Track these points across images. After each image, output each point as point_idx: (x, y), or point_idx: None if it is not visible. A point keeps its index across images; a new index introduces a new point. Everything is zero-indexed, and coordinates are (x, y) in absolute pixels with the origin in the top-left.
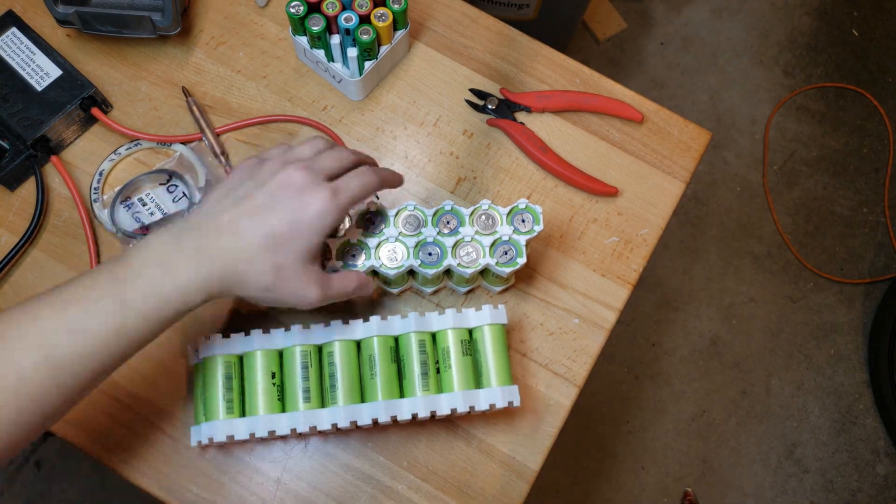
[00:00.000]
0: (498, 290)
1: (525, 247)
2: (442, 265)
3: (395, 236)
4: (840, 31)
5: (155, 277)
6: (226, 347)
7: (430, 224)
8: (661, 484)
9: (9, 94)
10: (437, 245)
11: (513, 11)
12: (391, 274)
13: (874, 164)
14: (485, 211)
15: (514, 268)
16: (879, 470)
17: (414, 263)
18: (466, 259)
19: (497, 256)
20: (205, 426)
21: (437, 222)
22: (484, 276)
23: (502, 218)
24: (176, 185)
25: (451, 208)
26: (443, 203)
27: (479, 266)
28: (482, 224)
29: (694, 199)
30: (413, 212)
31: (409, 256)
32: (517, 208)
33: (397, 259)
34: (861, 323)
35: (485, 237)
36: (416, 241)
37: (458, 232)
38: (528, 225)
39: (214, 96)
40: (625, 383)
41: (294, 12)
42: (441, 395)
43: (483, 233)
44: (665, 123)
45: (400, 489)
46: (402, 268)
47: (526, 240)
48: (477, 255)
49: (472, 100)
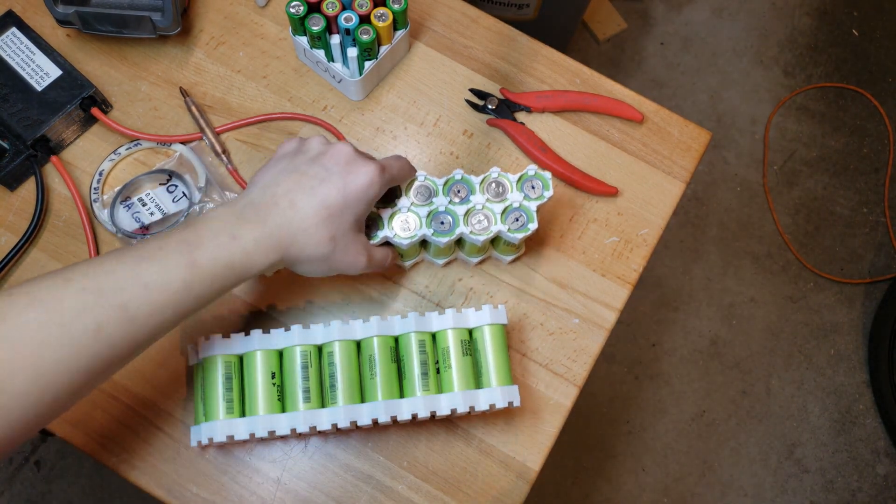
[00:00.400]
0: (508, 260)
1: (535, 212)
2: (454, 233)
3: (407, 206)
4: (840, 31)
5: (222, 244)
6: (226, 347)
7: (441, 193)
8: (661, 484)
9: (9, 94)
10: (449, 214)
11: (513, 11)
12: (404, 244)
13: (874, 164)
14: (495, 179)
15: (525, 233)
16: (879, 470)
17: (427, 233)
18: (478, 227)
19: (508, 223)
20: (205, 426)
21: (448, 191)
22: (494, 246)
23: (512, 185)
24: (176, 185)
25: (462, 177)
26: (453, 172)
27: (491, 233)
28: (493, 192)
29: (694, 199)
30: (424, 182)
31: (421, 226)
32: (526, 175)
33: (410, 229)
34: (861, 323)
35: (496, 205)
36: (428, 211)
37: (469, 200)
38: (538, 191)
39: (214, 96)
40: (625, 383)
41: (294, 12)
42: (441, 395)
43: (494, 200)
44: (665, 123)
45: (400, 489)
46: (416, 237)
47: (536, 205)
48: (488, 223)
49: (472, 100)
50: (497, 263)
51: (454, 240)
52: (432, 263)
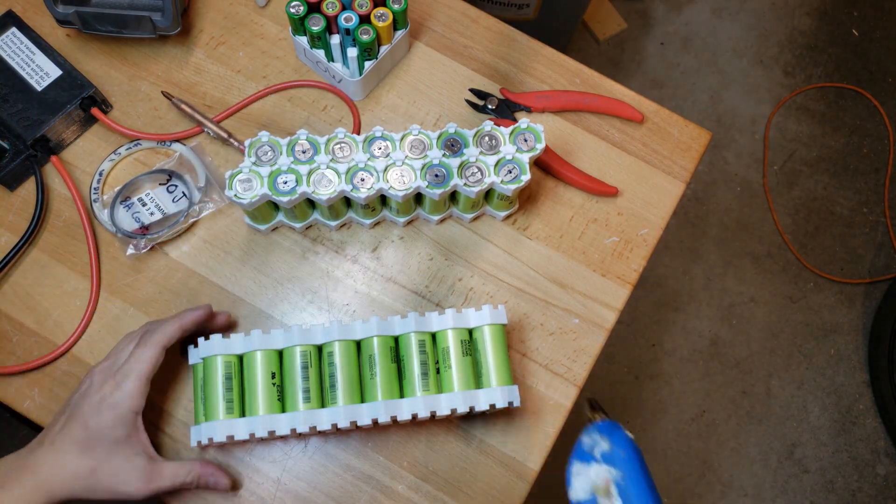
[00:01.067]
0: (502, 216)
1: (528, 164)
2: (448, 185)
3: (402, 160)
4: (840, 31)
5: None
6: (226, 347)
7: (434, 147)
8: (661, 484)
9: (9, 94)
10: (443, 167)
11: (513, 11)
12: (399, 196)
13: (874, 164)
14: (488, 132)
15: (518, 185)
16: (879, 470)
17: (421, 185)
18: (472, 179)
19: (502, 175)
20: (204, 426)
21: (442, 145)
22: (488, 201)
23: (505, 138)
24: (176, 184)
25: (455, 131)
26: (447, 126)
27: (485, 185)
28: (486, 145)
29: (694, 199)
30: (418, 136)
31: (416, 179)
32: (519, 128)
33: (405, 182)
34: (861, 323)
35: (489, 157)
36: (422, 164)
37: (463, 153)
38: (530, 143)
39: (214, 96)
40: (625, 383)
41: (294, 12)
42: (441, 396)
43: (487, 153)
44: (665, 123)
45: (400, 489)
46: (410, 190)
47: (529, 157)
48: (482, 175)
49: (472, 100)
50: (497, 261)
51: (448, 192)
52: (427, 221)
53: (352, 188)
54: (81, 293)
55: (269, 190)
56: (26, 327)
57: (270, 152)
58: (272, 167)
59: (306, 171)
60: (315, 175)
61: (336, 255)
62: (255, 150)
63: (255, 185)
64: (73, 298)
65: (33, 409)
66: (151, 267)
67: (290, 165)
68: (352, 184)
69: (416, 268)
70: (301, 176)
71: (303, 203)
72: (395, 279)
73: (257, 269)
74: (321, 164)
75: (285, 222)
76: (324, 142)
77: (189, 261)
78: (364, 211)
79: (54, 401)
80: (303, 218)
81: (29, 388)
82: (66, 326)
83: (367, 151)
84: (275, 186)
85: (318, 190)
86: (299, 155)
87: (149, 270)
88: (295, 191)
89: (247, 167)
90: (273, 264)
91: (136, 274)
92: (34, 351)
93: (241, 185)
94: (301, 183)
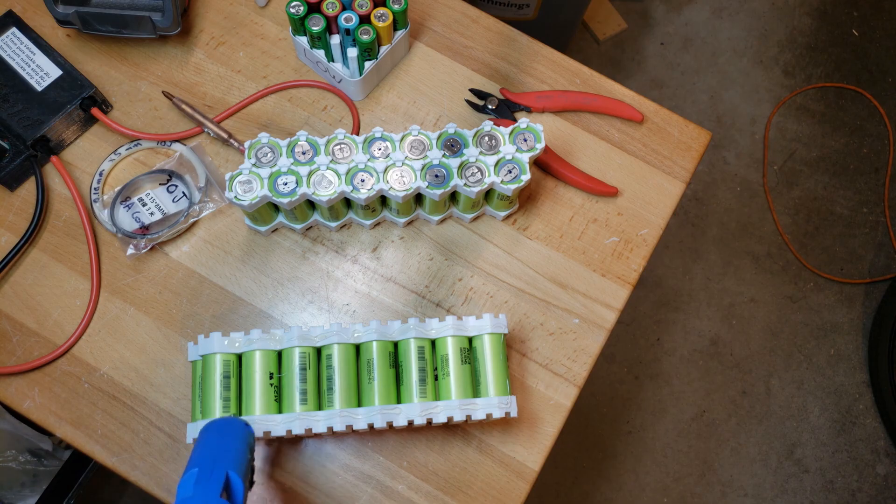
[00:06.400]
0: (502, 216)
1: (528, 164)
2: (449, 186)
3: (401, 160)
4: (840, 31)
5: None
6: (225, 346)
7: (434, 147)
8: (661, 484)
9: (9, 94)
10: (443, 167)
11: (513, 11)
12: (399, 197)
13: (874, 164)
14: (487, 132)
15: (518, 185)
16: (879, 470)
17: (421, 185)
18: (472, 179)
19: (501, 175)
20: (201, 423)
21: (442, 145)
22: (488, 201)
23: (505, 138)
24: (176, 184)
25: (455, 131)
26: (447, 126)
27: (485, 185)
28: (486, 145)
29: (694, 199)
30: (418, 136)
31: (416, 179)
32: (518, 128)
33: (405, 182)
34: (861, 323)
35: (489, 157)
36: (422, 165)
37: (463, 154)
38: (530, 143)
39: (214, 96)
40: (625, 383)
41: (294, 12)
42: (438, 403)
43: (487, 153)
44: (665, 123)
45: (400, 489)
46: (410, 190)
47: (529, 157)
48: (482, 175)
49: (472, 100)
50: (497, 261)
51: (448, 192)
52: (427, 221)
53: (352, 189)
54: (81, 293)
55: (270, 191)
56: (26, 327)
57: (270, 154)
58: (272, 169)
59: (306, 172)
60: (315, 176)
61: (336, 255)
62: (254, 151)
63: (255, 187)
64: (73, 298)
65: (33, 409)
66: (151, 267)
67: (290, 167)
68: (352, 185)
69: (417, 268)
70: (301, 177)
71: (303, 204)
72: (395, 279)
73: (257, 269)
74: (321, 165)
75: (285, 223)
76: (323, 143)
77: (189, 261)
78: (364, 211)
79: (54, 401)
80: (303, 219)
81: (29, 388)
82: (66, 326)
83: (367, 152)
84: (275, 188)
85: (319, 191)
86: (299, 156)
87: (149, 270)
88: (295, 192)
89: (247, 169)
90: (273, 264)
91: (136, 274)
92: (34, 351)
93: (241, 187)
94: (301, 184)
